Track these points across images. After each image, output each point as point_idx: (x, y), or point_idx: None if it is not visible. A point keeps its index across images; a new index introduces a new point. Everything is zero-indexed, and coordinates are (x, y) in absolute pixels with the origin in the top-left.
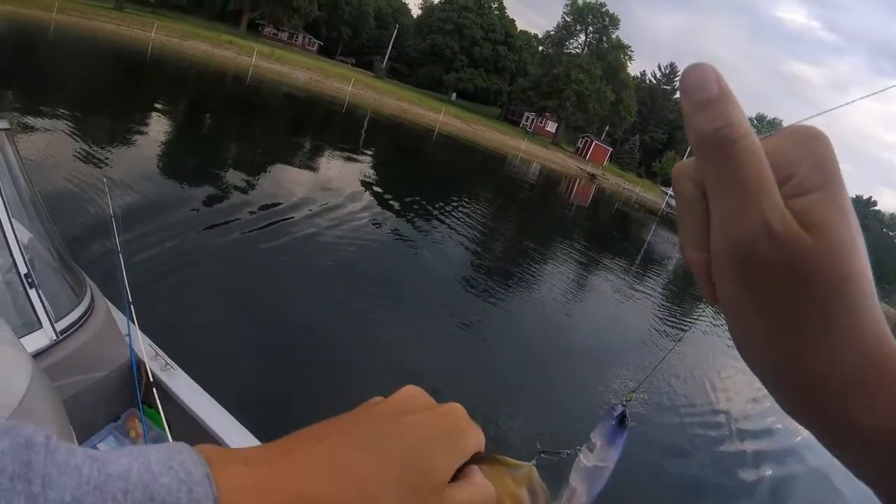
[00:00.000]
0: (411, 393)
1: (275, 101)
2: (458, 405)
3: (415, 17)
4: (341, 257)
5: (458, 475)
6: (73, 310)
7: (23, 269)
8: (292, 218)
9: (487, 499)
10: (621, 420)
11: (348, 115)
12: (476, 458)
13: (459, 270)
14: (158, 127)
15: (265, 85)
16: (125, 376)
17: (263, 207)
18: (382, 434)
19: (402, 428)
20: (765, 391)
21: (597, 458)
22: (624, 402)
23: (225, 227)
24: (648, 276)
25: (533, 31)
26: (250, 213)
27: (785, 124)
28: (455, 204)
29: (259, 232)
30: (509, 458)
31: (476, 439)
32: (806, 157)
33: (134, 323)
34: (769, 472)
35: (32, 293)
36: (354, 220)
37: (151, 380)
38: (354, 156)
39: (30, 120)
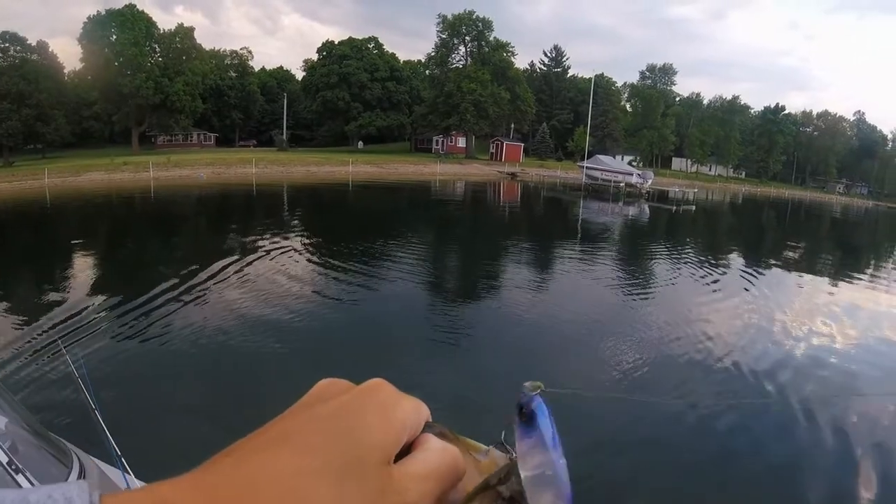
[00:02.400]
0: (325, 384)
1: (184, 206)
2: (381, 379)
3: (300, 80)
4: (306, 335)
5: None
6: (63, 481)
7: (3, 459)
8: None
9: (449, 460)
10: (521, 414)
11: (261, 196)
12: (429, 431)
13: (423, 305)
14: (82, 273)
15: (170, 194)
16: None
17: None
18: (297, 427)
19: (319, 416)
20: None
21: (530, 468)
22: (525, 394)
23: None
24: (595, 247)
25: (416, 57)
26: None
27: (676, 67)
28: (395, 244)
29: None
30: (470, 440)
31: (412, 407)
32: None
33: (129, 473)
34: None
35: (20, 478)
36: (303, 295)
37: None
38: (280, 232)
39: None
